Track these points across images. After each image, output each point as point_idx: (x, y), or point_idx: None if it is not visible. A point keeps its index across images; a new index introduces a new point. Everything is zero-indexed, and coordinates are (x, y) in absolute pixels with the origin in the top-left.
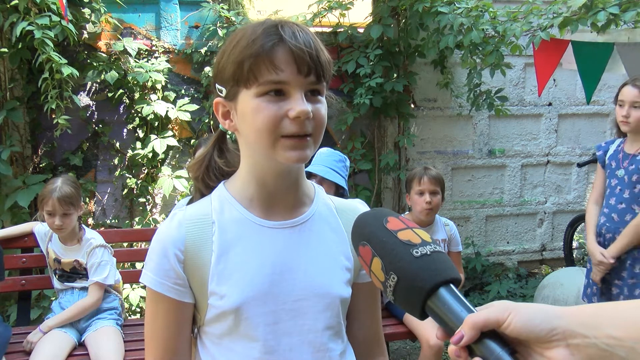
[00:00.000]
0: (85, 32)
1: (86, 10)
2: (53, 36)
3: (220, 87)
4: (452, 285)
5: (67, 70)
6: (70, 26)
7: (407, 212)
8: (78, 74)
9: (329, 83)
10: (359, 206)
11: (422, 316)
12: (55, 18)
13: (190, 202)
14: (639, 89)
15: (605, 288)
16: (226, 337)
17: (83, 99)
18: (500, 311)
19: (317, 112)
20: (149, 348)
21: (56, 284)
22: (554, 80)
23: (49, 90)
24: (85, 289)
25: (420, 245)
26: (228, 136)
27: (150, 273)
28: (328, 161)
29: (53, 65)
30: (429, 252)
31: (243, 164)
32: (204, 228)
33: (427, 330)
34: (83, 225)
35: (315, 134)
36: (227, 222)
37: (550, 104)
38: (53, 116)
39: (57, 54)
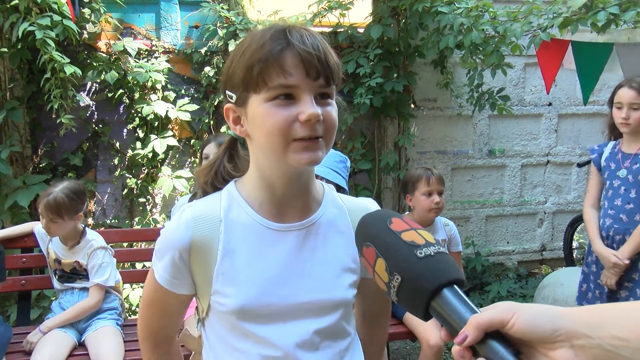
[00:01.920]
0: (85, 32)
1: (86, 10)
2: (54, 36)
3: (230, 93)
4: (455, 286)
5: (69, 70)
6: (73, 25)
7: (407, 213)
8: (81, 73)
9: (338, 86)
10: (371, 205)
11: (426, 317)
12: (56, 17)
13: (191, 199)
14: (635, 90)
15: (610, 291)
16: (229, 335)
17: (84, 98)
18: (504, 312)
19: (327, 115)
20: (140, 327)
21: (56, 284)
22: (554, 80)
23: (52, 89)
24: (85, 289)
25: (424, 246)
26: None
27: (157, 261)
28: (329, 162)
29: (55, 64)
30: (432, 253)
31: (252, 169)
32: (212, 226)
33: (427, 330)
34: (84, 226)
35: (326, 136)
36: (235, 223)
37: (550, 104)
38: (53, 116)
39: (59, 54)
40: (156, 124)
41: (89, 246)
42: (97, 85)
